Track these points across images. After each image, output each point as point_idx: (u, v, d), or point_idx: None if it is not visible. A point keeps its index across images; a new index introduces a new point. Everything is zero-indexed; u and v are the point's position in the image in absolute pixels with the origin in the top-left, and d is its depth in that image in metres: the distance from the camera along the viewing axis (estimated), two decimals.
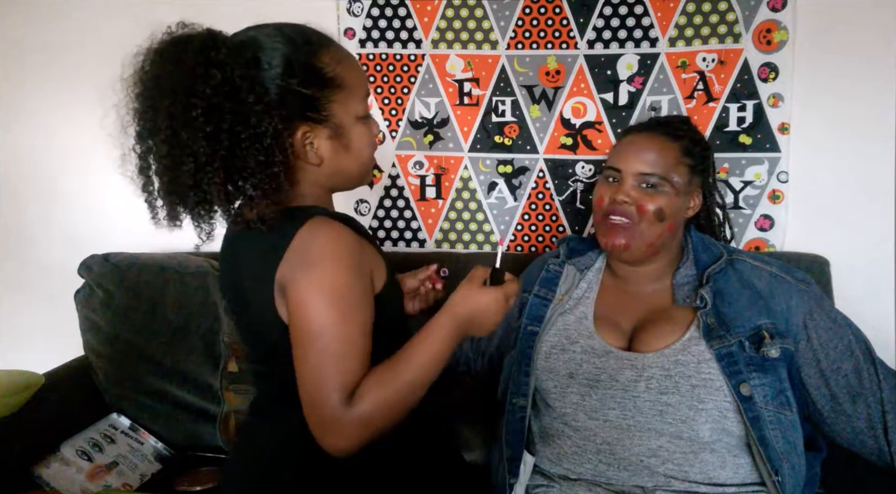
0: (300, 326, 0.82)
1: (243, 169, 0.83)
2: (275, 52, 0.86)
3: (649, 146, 1.14)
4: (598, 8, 1.59)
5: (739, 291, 1.11)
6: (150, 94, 0.83)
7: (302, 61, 0.87)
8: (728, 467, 1.05)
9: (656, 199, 1.11)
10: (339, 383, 0.80)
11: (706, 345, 1.07)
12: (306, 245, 0.84)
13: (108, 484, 1.44)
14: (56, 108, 1.90)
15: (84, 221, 1.94)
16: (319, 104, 0.88)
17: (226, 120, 0.81)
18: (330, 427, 0.80)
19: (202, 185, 0.82)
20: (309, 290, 0.82)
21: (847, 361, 1.08)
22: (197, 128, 0.80)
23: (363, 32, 1.71)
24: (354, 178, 0.97)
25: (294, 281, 0.83)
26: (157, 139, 0.83)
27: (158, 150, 0.83)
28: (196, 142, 0.80)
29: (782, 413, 1.05)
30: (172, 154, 0.82)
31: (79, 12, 1.83)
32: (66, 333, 1.70)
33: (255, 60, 0.85)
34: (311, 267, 0.83)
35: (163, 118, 0.81)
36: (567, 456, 1.11)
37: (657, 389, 1.06)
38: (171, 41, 0.85)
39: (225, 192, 0.84)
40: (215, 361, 1.57)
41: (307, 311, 0.82)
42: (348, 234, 0.87)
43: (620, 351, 1.11)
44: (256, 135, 0.82)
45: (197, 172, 0.82)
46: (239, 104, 0.81)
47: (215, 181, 0.82)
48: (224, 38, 0.86)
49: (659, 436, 1.05)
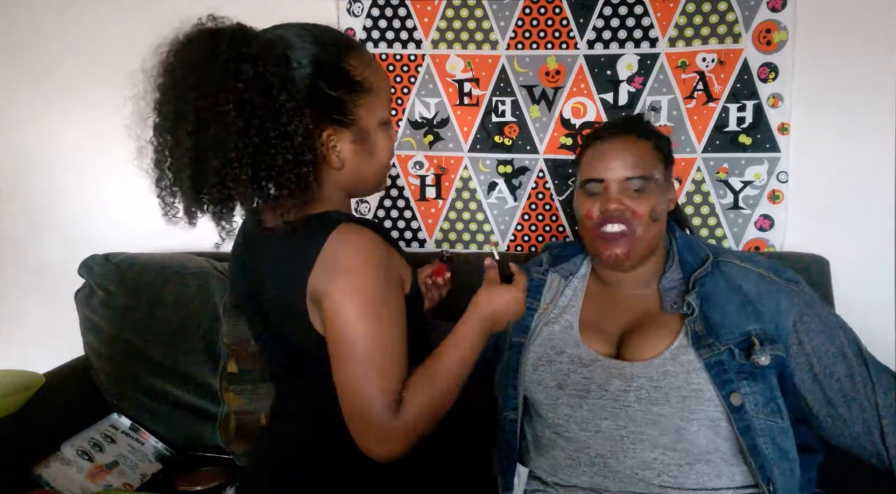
0: (339, 336, 0.82)
1: (272, 167, 0.81)
2: (304, 51, 0.85)
3: (626, 149, 1.12)
4: (598, 8, 1.59)
5: (727, 296, 1.09)
6: (177, 86, 0.80)
7: (331, 63, 0.86)
8: (724, 476, 1.04)
9: (646, 201, 1.10)
10: (384, 391, 0.81)
11: (695, 354, 1.05)
12: (338, 253, 0.82)
13: (109, 484, 1.44)
14: (56, 108, 1.90)
15: (84, 221, 1.94)
16: (346, 107, 0.87)
17: (257, 116, 0.79)
18: (378, 435, 0.81)
19: (227, 182, 0.80)
20: (346, 300, 0.81)
21: (840, 365, 1.06)
22: (227, 124, 0.78)
23: (363, 32, 1.71)
24: (373, 184, 0.96)
25: (329, 292, 0.81)
26: (180, 132, 0.80)
27: (182, 144, 0.80)
28: (226, 137, 0.78)
29: (773, 420, 1.03)
30: (198, 148, 0.79)
31: (79, 12, 1.83)
32: (66, 333, 1.70)
33: (286, 58, 0.83)
34: (346, 276, 0.81)
35: (189, 111, 0.79)
36: (561, 468, 1.10)
37: (648, 400, 1.04)
38: (202, 33, 0.82)
39: (251, 191, 0.82)
40: (215, 361, 1.57)
41: (346, 321, 0.81)
42: (378, 241, 0.86)
43: (608, 359, 1.09)
44: (287, 133, 0.80)
45: (223, 168, 0.79)
46: (270, 100, 0.79)
47: (242, 178, 0.79)
48: (255, 32, 0.84)
49: (653, 448, 1.04)
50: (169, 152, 0.83)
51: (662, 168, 1.15)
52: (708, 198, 1.61)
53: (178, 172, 0.82)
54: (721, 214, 1.61)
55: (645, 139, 1.15)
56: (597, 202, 1.13)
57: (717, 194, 1.61)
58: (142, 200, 1.88)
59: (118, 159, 1.89)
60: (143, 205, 1.89)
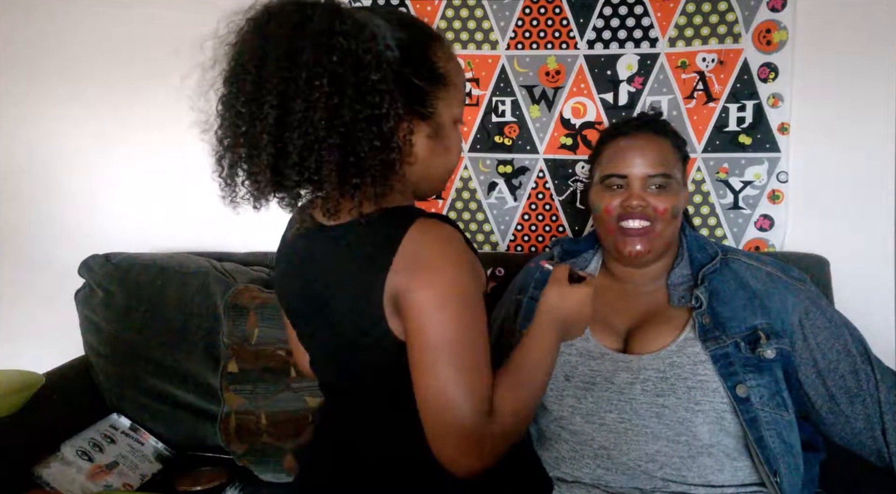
0: (426, 339, 0.74)
1: (358, 151, 0.74)
2: (393, 34, 0.78)
3: (648, 146, 1.13)
4: (597, 8, 1.59)
5: (735, 291, 1.11)
6: (261, 57, 0.73)
7: (418, 50, 0.80)
8: (726, 470, 1.04)
9: (667, 198, 1.11)
10: (479, 396, 0.74)
11: (701, 346, 1.06)
12: (421, 250, 0.75)
13: (109, 484, 1.44)
14: (56, 108, 1.90)
15: (84, 221, 1.94)
16: (427, 99, 0.81)
17: (348, 94, 0.72)
18: (473, 444, 0.74)
19: (309, 162, 0.73)
20: (434, 299, 0.74)
21: (844, 361, 1.08)
22: (318, 100, 0.71)
23: None
24: (438, 184, 0.89)
25: (413, 291, 0.74)
26: (262, 107, 0.73)
27: (263, 120, 0.73)
28: (315, 114, 0.71)
29: (779, 413, 1.05)
30: (281, 125, 0.72)
31: (79, 12, 1.83)
32: (66, 333, 1.70)
33: (375, 39, 0.76)
34: (433, 274, 0.75)
35: (275, 84, 0.72)
36: (564, 460, 1.11)
37: (653, 391, 1.06)
38: (291, 3, 0.74)
39: (338, 174, 0.74)
40: (215, 361, 1.57)
41: (434, 321, 0.74)
42: (461, 237, 0.80)
43: (616, 353, 1.11)
44: (377, 116, 0.74)
45: (307, 148, 0.72)
46: (363, 80, 0.73)
47: (328, 160, 0.72)
48: (347, 10, 0.76)
49: (656, 440, 1.05)
50: (246, 129, 0.75)
51: (680, 166, 1.17)
52: (708, 198, 1.61)
53: (254, 151, 0.75)
54: (721, 214, 1.61)
55: (665, 137, 1.16)
56: (617, 197, 1.13)
57: (717, 194, 1.61)
58: (142, 200, 1.90)
59: (118, 159, 1.91)
60: (143, 205, 1.91)
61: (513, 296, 1.29)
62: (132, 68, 1.82)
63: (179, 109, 2.04)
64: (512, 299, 1.29)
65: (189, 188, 1.87)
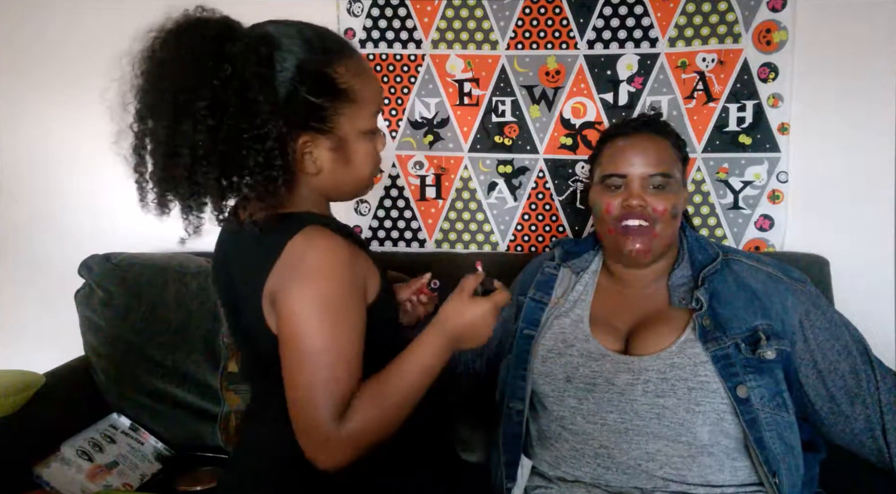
0: (290, 342, 0.81)
1: (241, 168, 0.80)
2: (290, 54, 0.83)
3: (648, 146, 1.14)
4: (597, 8, 1.59)
5: (735, 292, 1.11)
6: (157, 76, 0.81)
7: (316, 68, 0.84)
8: (726, 470, 1.04)
9: (667, 198, 1.12)
10: (330, 401, 0.79)
11: (702, 347, 1.06)
12: (298, 256, 0.82)
13: (109, 484, 1.44)
14: (56, 108, 1.90)
15: (84, 221, 1.94)
16: (326, 115, 0.85)
17: (230, 116, 0.78)
18: (321, 446, 0.80)
19: (196, 178, 0.80)
20: (300, 305, 0.80)
21: (844, 361, 1.08)
22: (199, 120, 0.78)
23: (363, 32, 1.71)
24: (349, 193, 0.94)
25: (284, 294, 0.81)
26: (157, 123, 0.81)
27: (156, 135, 0.81)
28: (196, 133, 0.78)
29: (779, 414, 1.05)
30: (170, 141, 0.80)
31: (78, 11, 1.83)
32: (66, 333, 1.70)
33: (269, 59, 0.81)
34: (303, 281, 0.80)
35: (167, 103, 0.79)
36: (565, 459, 1.11)
37: (654, 392, 1.06)
38: (187, 24, 0.81)
39: (219, 188, 0.82)
40: (215, 361, 1.57)
41: (298, 327, 0.80)
42: (342, 245, 0.84)
43: (617, 355, 1.11)
44: (259, 136, 0.79)
45: (193, 164, 0.79)
46: (246, 102, 0.79)
47: (210, 176, 0.80)
48: (241, 30, 0.83)
49: (657, 440, 1.05)
50: (148, 140, 0.83)
51: (680, 167, 1.17)
52: (708, 198, 1.61)
53: (154, 162, 0.83)
54: (721, 214, 1.61)
55: (665, 137, 1.17)
56: (617, 196, 1.13)
57: (717, 194, 1.61)
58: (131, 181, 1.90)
59: (118, 159, 1.90)
60: None
61: (514, 297, 1.29)
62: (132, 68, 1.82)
63: None
64: (513, 300, 1.29)
65: None
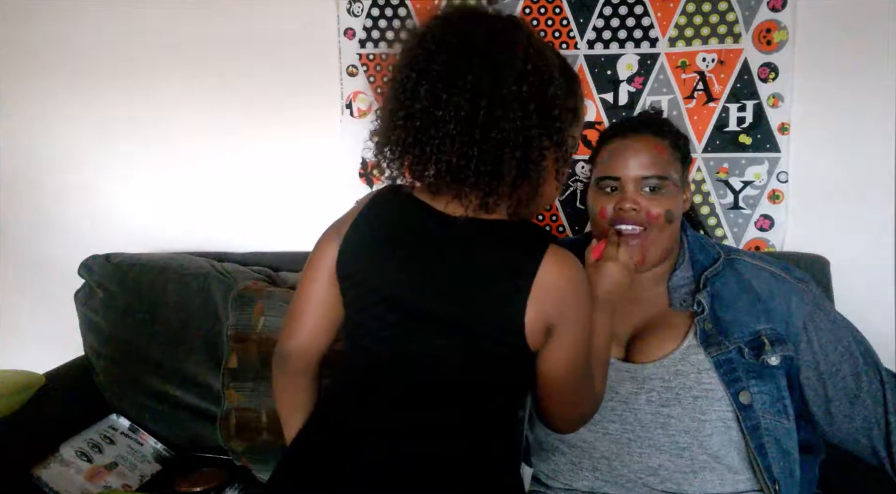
0: (571, 361, 0.86)
1: (534, 158, 0.81)
2: (557, 64, 0.85)
3: (643, 148, 1.09)
4: (598, 8, 1.59)
5: (738, 295, 1.09)
6: (457, 57, 0.79)
7: (571, 84, 0.88)
8: (727, 484, 1.03)
9: (662, 202, 1.07)
10: (596, 388, 0.93)
11: (705, 353, 1.04)
12: (562, 289, 0.82)
13: (108, 485, 1.44)
14: (56, 108, 1.90)
15: (84, 221, 1.94)
16: (565, 131, 0.86)
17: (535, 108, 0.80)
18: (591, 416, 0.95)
19: (486, 162, 0.79)
20: (577, 332, 0.85)
21: (846, 363, 1.07)
22: (512, 107, 0.78)
23: (363, 32, 1.71)
24: (542, 208, 0.95)
25: (566, 323, 0.83)
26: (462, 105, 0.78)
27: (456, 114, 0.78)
28: (507, 120, 0.78)
29: (779, 421, 1.04)
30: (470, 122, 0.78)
31: (78, 11, 1.83)
32: (66, 333, 1.70)
33: (553, 65, 0.84)
34: (579, 318, 0.85)
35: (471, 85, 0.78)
36: (563, 473, 1.10)
37: (658, 402, 1.04)
38: (504, 20, 0.83)
39: (514, 176, 0.80)
40: (216, 361, 1.57)
41: (576, 349, 0.85)
42: (580, 266, 0.87)
43: (619, 362, 1.09)
44: (554, 129, 0.82)
45: (491, 148, 0.78)
46: (548, 96, 0.81)
47: (509, 162, 0.79)
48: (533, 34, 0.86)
49: (660, 454, 1.03)
50: (437, 120, 0.79)
51: (680, 167, 1.13)
52: (708, 198, 1.61)
53: (441, 140, 0.79)
54: (721, 214, 1.61)
55: (663, 137, 1.12)
56: (612, 200, 1.09)
57: (717, 194, 1.61)
58: (142, 201, 1.90)
59: (119, 159, 1.91)
60: (143, 205, 1.91)
61: None
62: (133, 68, 1.82)
63: (180, 109, 2.06)
64: None
65: (190, 188, 1.87)
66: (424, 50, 0.80)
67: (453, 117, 0.78)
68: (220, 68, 1.77)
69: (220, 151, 1.83)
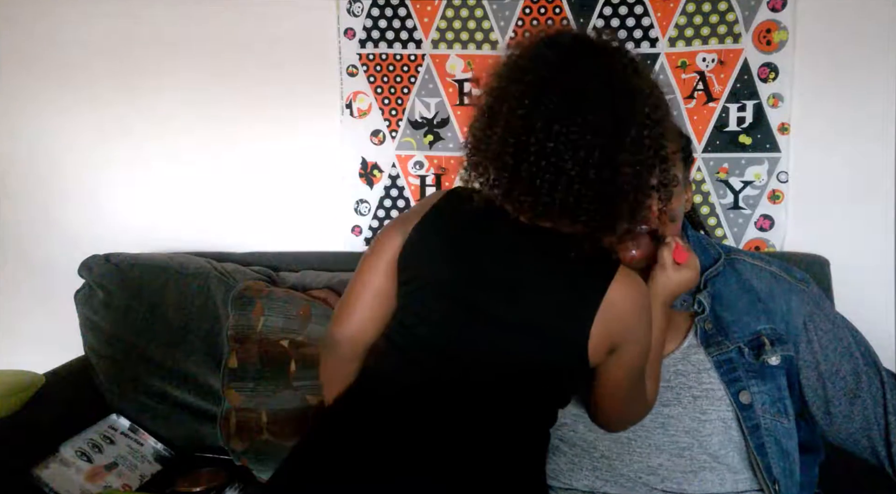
0: (627, 376, 0.90)
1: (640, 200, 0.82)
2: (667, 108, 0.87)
3: None
4: (598, 8, 1.59)
5: (738, 295, 1.09)
6: (585, 91, 0.78)
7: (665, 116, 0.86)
8: (727, 484, 1.03)
9: None
10: (651, 394, 0.96)
11: (705, 353, 1.05)
12: (628, 311, 0.84)
13: (108, 485, 1.44)
14: (57, 108, 1.90)
15: (84, 221, 1.94)
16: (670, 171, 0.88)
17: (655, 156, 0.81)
18: (645, 415, 0.99)
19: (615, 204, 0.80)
20: (638, 350, 0.88)
21: (846, 363, 1.07)
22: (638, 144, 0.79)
23: (363, 32, 1.71)
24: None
25: (628, 344, 0.86)
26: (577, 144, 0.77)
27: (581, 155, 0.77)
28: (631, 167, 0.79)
29: (779, 421, 1.04)
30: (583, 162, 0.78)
31: (78, 11, 1.83)
32: (66, 333, 1.70)
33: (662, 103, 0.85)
34: (640, 328, 0.87)
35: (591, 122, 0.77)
36: (562, 472, 1.10)
37: (658, 401, 1.03)
38: (610, 47, 0.83)
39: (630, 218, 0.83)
40: (216, 362, 1.57)
41: (633, 364, 0.89)
42: (644, 285, 0.90)
43: None
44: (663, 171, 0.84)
45: (616, 192, 0.79)
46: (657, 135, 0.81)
47: (625, 205, 0.80)
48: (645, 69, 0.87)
49: (660, 453, 1.03)
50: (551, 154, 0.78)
51: (682, 166, 1.11)
52: (708, 198, 1.61)
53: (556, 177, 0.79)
54: (721, 214, 1.61)
55: None
56: None
57: (717, 194, 1.61)
58: (142, 200, 1.90)
59: (118, 159, 1.91)
60: (143, 206, 1.91)
61: None
62: (132, 68, 1.82)
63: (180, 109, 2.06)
64: None
65: (189, 188, 1.87)
66: (540, 80, 0.79)
67: (571, 157, 0.77)
68: (219, 68, 1.77)
69: (220, 151, 1.83)
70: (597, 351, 0.84)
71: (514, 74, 0.83)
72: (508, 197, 0.82)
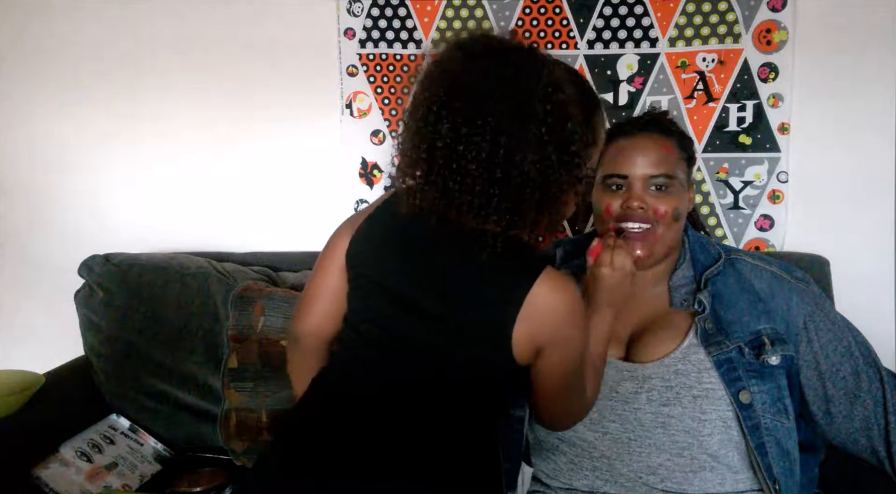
0: (561, 377, 0.89)
1: (556, 194, 0.83)
2: (576, 95, 0.86)
3: (650, 146, 1.10)
4: (598, 8, 1.59)
5: (738, 294, 1.09)
6: (487, 105, 0.80)
7: (589, 114, 0.87)
8: (727, 484, 1.03)
9: (669, 200, 1.08)
10: (590, 394, 0.96)
11: (705, 353, 1.05)
12: (554, 311, 0.84)
13: (108, 485, 1.44)
14: (56, 108, 1.90)
15: (84, 221, 1.94)
16: (582, 164, 0.87)
17: (556, 145, 0.81)
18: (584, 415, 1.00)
19: (506, 199, 0.81)
20: (567, 352, 0.87)
21: (847, 363, 1.07)
22: (533, 146, 0.79)
23: (363, 32, 1.71)
24: (556, 230, 0.99)
25: (555, 346, 0.85)
26: (472, 138, 0.79)
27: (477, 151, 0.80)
28: (527, 157, 0.79)
29: (779, 420, 1.04)
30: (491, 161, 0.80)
31: (77, 12, 1.83)
32: (66, 333, 1.70)
33: (571, 99, 0.85)
34: (566, 330, 0.85)
35: (491, 123, 0.79)
36: (563, 472, 1.10)
37: (659, 401, 1.04)
38: (524, 54, 0.84)
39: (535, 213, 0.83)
40: (216, 362, 1.57)
41: (564, 367, 0.88)
42: (579, 293, 0.88)
43: (619, 362, 1.09)
44: (573, 164, 0.83)
45: (513, 186, 0.80)
46: (567, 132, 0.82)
47: (530, 199, 0.81)
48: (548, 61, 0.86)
49: (660, 453, 1.04)
50: (458, 157, 0.81)
51: (685, 167, 1.13)
52: (708, 198, 1.61)
53: (463, 178, 0.81)
54: (721, 214, 1.61)
55: (670, 137, 1.12)
56: (618, 198, 1.10)
57: (717, 194, 1.61)
58: (142, 200, 1.90)
59: (118, 159, 1.91)
60: (143, 206, 1.91)
61: None
62: (132, 68, 1.82)
63: (179, 109, 2.06)
64: None
65: (189, 188, 1.87)
66: (446, 86, 0.82)
67: (475, 157, 0.79)
68: (219, 68, 1.77)
69: (220, 151, 1.83)
70: (522, 351, 0.84)
71: (425, 82, 0.85)
72: (426, 199, 0.84)
